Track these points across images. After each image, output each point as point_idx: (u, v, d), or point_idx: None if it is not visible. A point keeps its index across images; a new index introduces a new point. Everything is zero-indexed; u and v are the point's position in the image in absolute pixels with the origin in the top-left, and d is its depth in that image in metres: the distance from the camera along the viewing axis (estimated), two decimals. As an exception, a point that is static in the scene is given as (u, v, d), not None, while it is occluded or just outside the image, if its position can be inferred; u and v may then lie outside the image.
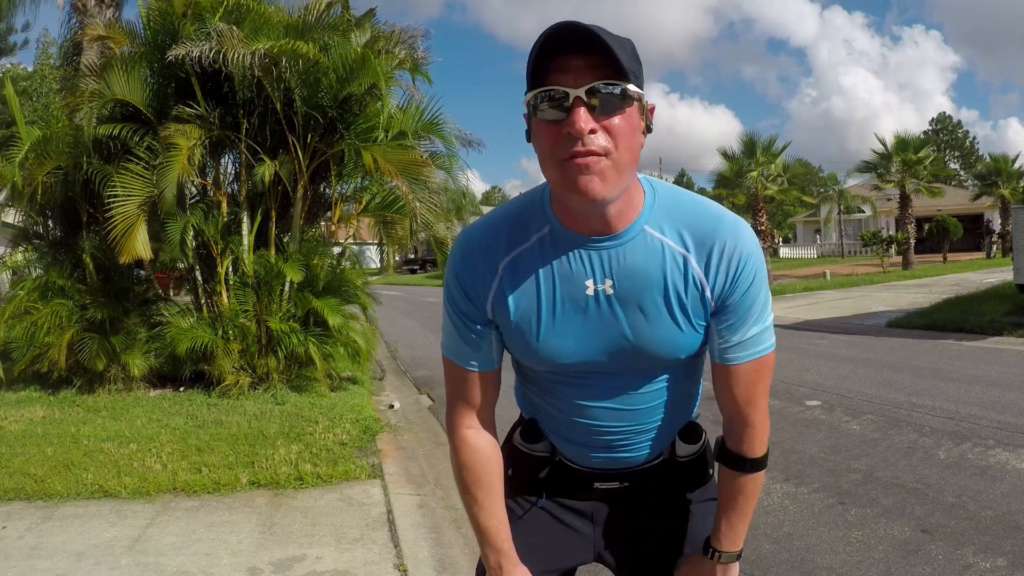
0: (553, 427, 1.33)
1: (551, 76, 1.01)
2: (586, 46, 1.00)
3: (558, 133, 1.02)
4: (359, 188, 8.38)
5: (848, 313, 13.52)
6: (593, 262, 1.15)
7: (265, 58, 6.41)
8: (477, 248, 1.20)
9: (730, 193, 26.87)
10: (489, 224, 1.22)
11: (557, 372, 1.24)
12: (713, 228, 1.14)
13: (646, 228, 1.14)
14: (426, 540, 3.52)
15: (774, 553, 3.29)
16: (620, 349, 1.18)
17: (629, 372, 1.22)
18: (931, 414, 5.65)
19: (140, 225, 6.33)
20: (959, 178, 57.94)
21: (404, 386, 8.16)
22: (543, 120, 1.03)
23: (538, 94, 1.03)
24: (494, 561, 1.30)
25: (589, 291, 1.15)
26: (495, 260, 1.18)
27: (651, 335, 1.16)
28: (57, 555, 3.29)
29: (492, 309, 1.20)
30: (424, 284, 32.12)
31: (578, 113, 0.99)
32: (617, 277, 1.15)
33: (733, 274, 1.14)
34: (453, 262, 1.22)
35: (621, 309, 1.16)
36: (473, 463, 1.29)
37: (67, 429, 5.42)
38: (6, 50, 20.31)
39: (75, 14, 8.78)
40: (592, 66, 1.00)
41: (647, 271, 1.14)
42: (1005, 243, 30.02)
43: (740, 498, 1.29)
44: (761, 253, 1.18)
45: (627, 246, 1.14)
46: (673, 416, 1.31)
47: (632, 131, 1.04)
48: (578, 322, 1.17)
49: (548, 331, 1.18)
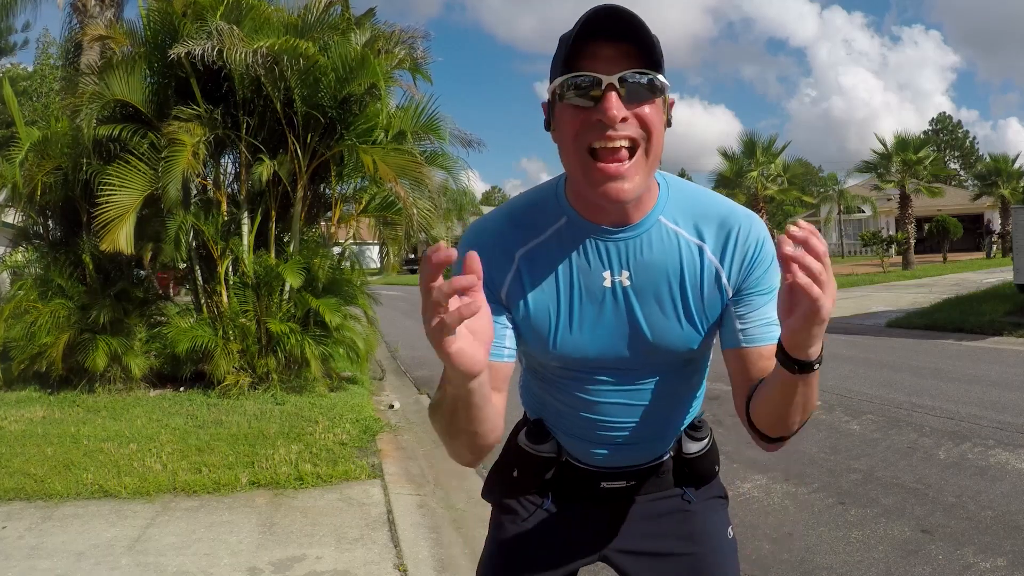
0: (560, 424, 1.32)
1: (581, 63, 1.00)
2: (619, 34, 0.99)
3: (586, 120, 1.01)
4: (359, 188, 8.38)
5: (848, 313, 13.51)
6: (610, 253, 1.14)
7: (266, 57, 6.41)
8: (490, 239, 1.18)
9: (730, 193, 26.86)
10: (503, 216, 1.21)
11: (570, 367, 1.23)
12: (726, 217, 1.15)
13: (661, 219, 1.14)
14: (426, 540, 3.52)
15: (774, 553, 3.29)
16: (635, 341, 1.18)
17: (642, 366, 1.22)
18: (931, 414, 5.65)
19: (129, 218, 6.30)
20: (959, 178, 57.94)
21: (404, 386, 8.16)
22: (570, 105, 1.02)
23: (567, 80, 1.01)
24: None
25: (606, 282, 1.15)
26: (511, 252, 1.17)
27: (666, 326, 1.16)
28: (57, 555, 3.29)
29: (507, 300, 1.18)
30: (424, 284, 32.04)
31: (610, 99, 0.98)
32: (634, 268, 1.14)
33: (751, 258, 1.14)
34: (465, 249, 1.20)
35: (637, 300, 1.15)
36: None
37: (67, 429, 5.42)
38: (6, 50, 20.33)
39: (75, 14, 8.78)
40: (624, 55, 1.00)
41: (663, 262, 1.14)
42: (1005, 243, 30.01)
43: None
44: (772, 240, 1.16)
45: (643, 237, 1.14)
46: (680, 412, 1.31)
47: (660, 122, 1.04)
48: (594, 315, 1.16)
49: (565, 325, 1.17)
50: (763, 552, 3.30)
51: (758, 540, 3.41)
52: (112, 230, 6.22)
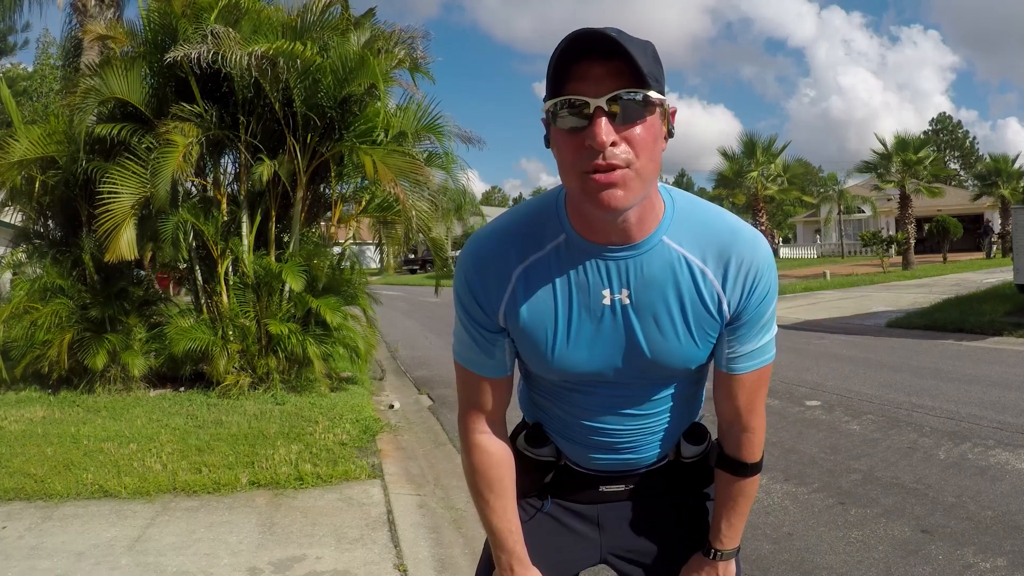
0: (560, 430, 1.33)
1: (571, 84, 1.00)
2: (606, 53, 0.98)
3: (579, 144, 1.00)
4: (359, 188, 8.38)
5: (848, 313, 13.52)
6: (611, 272, 1.14)
7: (263, 59, 6.41)
8: (488, 256, 1.18)
9: (730, 193, 26.91)
10: (501, 231, 1.20)
11: (568, 381, 1.23)
12: (731, 242, 1.14)
13: (665, 239, 1.13)
14: (426, 540, 3.52)
15: (774, 553, 3.29)
16: (633, 359, 1.18)
17: (640, 381, 1.22)
18: (931, 414, 5.65)
19: (128, 224, 6.31)
20: (959, 178, 57.93)
21: (404, 386, 8.16)
22: (563, 129, 1.02)
23: (558, 103, 1.01)
24: (506, 563, 1.30)
25: (605, 300, 1.15)
26: (508, 269, 1.17)
27: (665, 346, 1.16)
28: (57, 555, 3.29)
29: (504, 318, 1.19)
30: (424, 284, 32.09)
31: (599, 124, 0.97)
32: (634, 287, 1.14)
33: (749, 288, 1.14)
34: (464, 270, 1.20)
35: (636, 319, 1.15)
36: (485, 467, 1.28)
37: (67, 429, 5.42)
38: (6, 50, 20.32)
39: (75, 14, 8.79)
40: (613, 73, 0.98)
41: (664, 282, 1.14)
42: (1005, 243, 30.00)
43: (740, 499, 1.30)
44: (775, 267, 1.18)
45: (645, 256, 1.13)
46: (680, 419, 1.32)
47: (654, 139, 1.02)
48: (592, 332, 1.16)
49: (563, 341, 1.17)
50: (763, 552, 3.30)
51: (758, 540, 3.41)
52: (114, 239, 6.24)
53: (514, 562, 1.29)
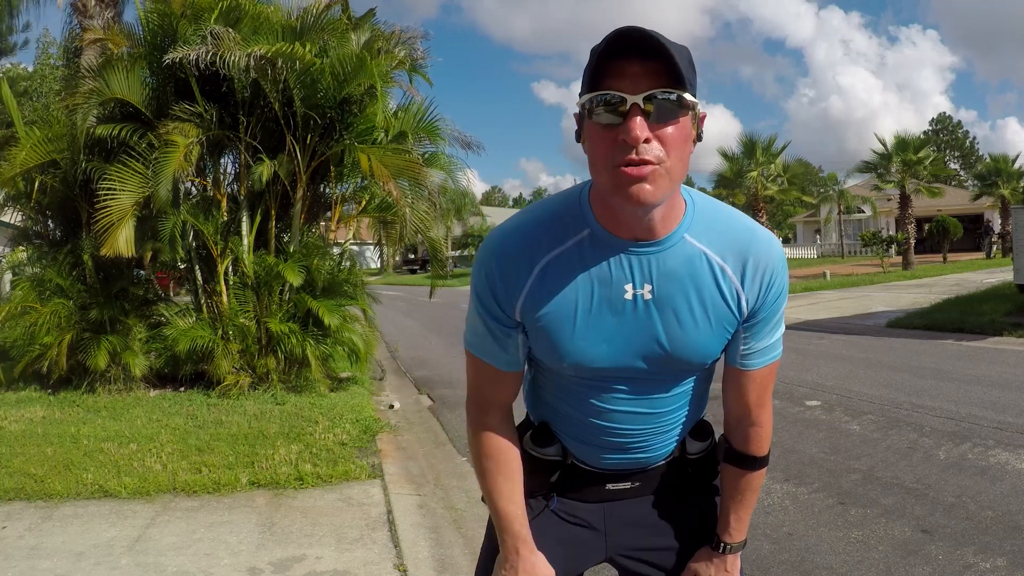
0: (567, 429, 1.33)
1: (608, 81, 1.02)
2: (646, 52, 1.00)
3: (613, 139, 1.02)
4: (359, 188, 8.38)
5: (848, 313, 13.52)
6: (633, 267, 1.16)
7: (262, 60, 6.41)
8: (512, 251, 1.19)
9: (730, 193, 26.86)
10: (524, 225, 1.21)
11: (583, 376, 1.24)
12: (749, 241, 1.18)
13: (686, 237, 1.16)
14: (426, 540, 3.52)
15: (774, 553, 3.29)
16: (652, 353, 1.19)
17: (656, 376, 1.24)
18: (931, 414, 5.65)
19: (128, 221, 6.30)
20: (959, 178, 57.94)
21: (404, 386, 8.16)
22: (598, 124, 1.04)
23: (594, 98, 1.03)
24: (511, 546, 1.30)
25: (627, 295, 1.16)
26: (528, 265, 1.18)
27: (684, 340, 1.18)
28: (57, 555, 3.29)
29: (521, 312, 1.20)
30: (424, 284, 32.10)
31: (634, 121, 1.00)
32: (656, 282, 1.16)
33: (766, 286, 1.18)
34: (485, 264, 1.21)
35: (657, 313, 1.17)
36: (495, 449, 1.30)
37: (67, 429, 5.42)
38: (6, 50, 20.29)
39: (75, 14, 8.78)
40: (650, 73, 1.01)
41: (685, 277, 1.16)
42: (1005, 243, 29.99)
43: (748, 493, 1.35)
44: (787, 267, 1.23)
45: (667, 252, 1.15)
46: (688, 417, 1.33)
47: (684, 140, 1.05)
48: (612, 326, 1.18)
49: (582, 334, 1.18)
50: (763, 552, 3.30)
51: (758, 540, 3.41)
52: (111, 234, 6.22)
53: (520, 545, 1.30)
